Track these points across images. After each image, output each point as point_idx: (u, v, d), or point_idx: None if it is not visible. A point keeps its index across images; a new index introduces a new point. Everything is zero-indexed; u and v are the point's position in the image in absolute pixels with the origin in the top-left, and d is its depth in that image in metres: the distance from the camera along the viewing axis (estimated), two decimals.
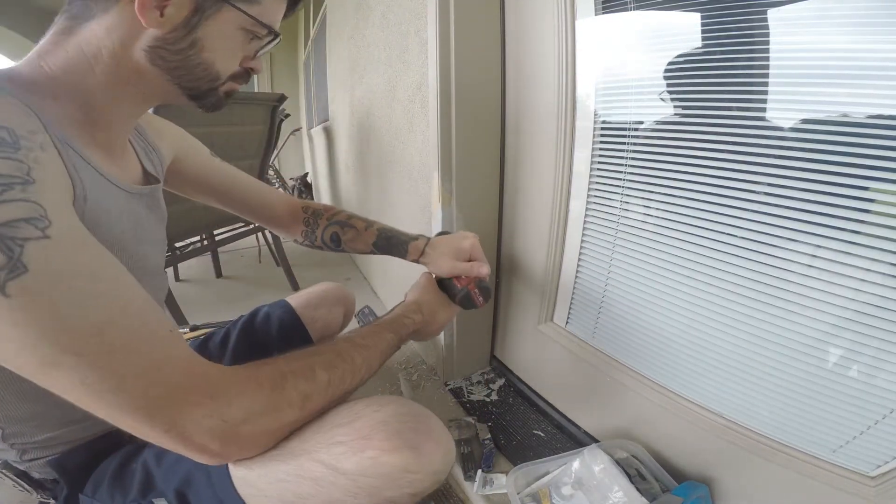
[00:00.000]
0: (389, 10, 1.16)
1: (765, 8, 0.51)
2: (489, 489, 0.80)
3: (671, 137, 0.65)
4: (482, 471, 0.83)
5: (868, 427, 0.52)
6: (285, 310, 0.79)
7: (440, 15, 0.82)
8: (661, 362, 0.75)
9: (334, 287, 0.87)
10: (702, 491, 0.67)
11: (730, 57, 0.55)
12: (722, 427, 0.66)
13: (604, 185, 0.77)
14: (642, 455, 0.76)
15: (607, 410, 0.86)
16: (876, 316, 0.48)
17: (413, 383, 1.15)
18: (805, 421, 0.58)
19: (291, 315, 0.78)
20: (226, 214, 0.76)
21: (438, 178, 0.94)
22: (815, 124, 0.49)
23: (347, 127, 2.01)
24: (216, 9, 0.41)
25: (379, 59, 1.32)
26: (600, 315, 0.85)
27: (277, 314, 0.78)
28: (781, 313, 0.56)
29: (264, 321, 0.78)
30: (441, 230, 0.97)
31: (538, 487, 0.74)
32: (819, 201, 0.50)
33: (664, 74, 0.64)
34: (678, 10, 0.60)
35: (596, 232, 0.81)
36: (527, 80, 0.87)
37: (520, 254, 1.01)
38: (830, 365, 0.53)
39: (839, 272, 0.50)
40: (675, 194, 0.65)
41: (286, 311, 0.79)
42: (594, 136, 0.77)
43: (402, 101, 1.15)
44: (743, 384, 0.63)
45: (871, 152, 0.45)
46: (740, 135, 0.56)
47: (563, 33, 0.75)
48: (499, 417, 1.00)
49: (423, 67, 0.96)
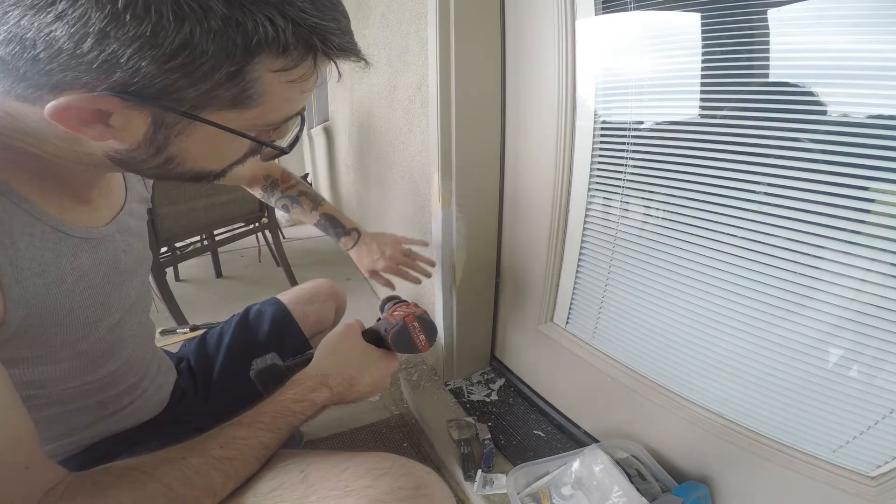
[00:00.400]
0: (389, 10, 1.16)
1: (765, 8, 0.51)
2: (489, 489, 0.80)
3: (671, 137, 0.65)
4: (482, 471, 0.83)
5: (868, 427, 0.52)
6: (277, 307, 0.79)
7: (440, 15, 0.82)
8: (661, 362, 0.75)
9: (325, 283, 0.88)
10: (702, 491, 0.67)
11: (730, 56, 0.55)
12: (722, 427, 0.66)
13: (604, 185, 0.77)
14: (642, 455, 0.75)
15: (607, 410, 0.86)
16: (876, 316, 0.48)
17: (413, 383, 1.15)
18: (805, 421, 0.58)
19: (283, 311, 0.79)
20: (226, 214, 0.77)
21: (438, 178, 0.94)
22: (815, 124, 0.49)
23: (347, 127, 2.01)
24: (185, 124, 0.31)
25: (379, 59, 1.32)
26: (600, 315, 0.85)
27: (269, 311, 0.78)
28: (782, 313, 0.56)
29: (257, 318, 0.78)
30: (441, 231, 0.98)
31: (538, 488, 0.74)
32: (819, 201, 0.50)
33: (664, 74, 0.64)
34: (678, 9, 0.60)
35: (596, 232, 0.81)
36: (527, 80, 0.87)
37: (520, 254, 1.01)
38: (830, 365, 0.53)
39: (839, 272, 0.50)
40: (676, 194, 0.65)
41: (278, 307, 0.79)
42: (594, 135, 0.76)
43: (402, 101, 1.15)
44: (743, 384, 0.63)
45: (871, 152, 0.45)
46: (740, 135, 0.56)
47: (563, 33, 0.75)
48: (499, 417, 1.00)
49: (423, 67, 0.96)
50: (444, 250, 1.01)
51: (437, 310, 1.10)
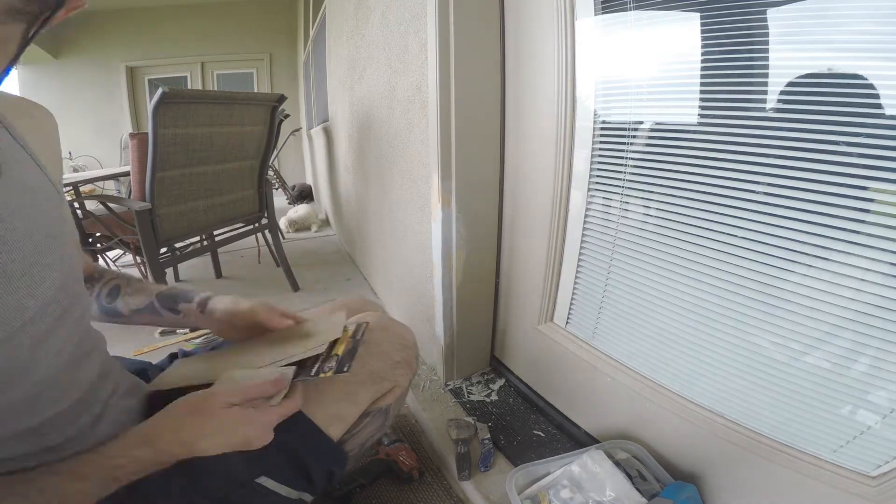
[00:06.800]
0: (389, 11, 1.16)
1: (764, 7, 0.51)
2: (489, 489, 0.80)
3: (671, 137, 0.65)
4: (481, 470, 0.83)
5: (868, 427, 0.52)
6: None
7: (440, 15, 0.82)
8: (662, 362, 0.75)
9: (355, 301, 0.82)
10: (690, 491, 0.67)
11: (730, 56, 0.55)
12: (722, 427, 0.66)
13: (604, 185, 0.77)
14: (643, 455, 0.75)
15: (607, 410, 0.86)
16: (876, 316, 0.48)
17: (413, 383, 1.15)
18: (805, 421, 0.58)
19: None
20: (226, 215, 0.75)
21: (438, 178, 0.94)
22: (815, 124, 0.49)
23: (347, 127, 2.01)
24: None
25: (379, 60, 1.32)
26: (600, 315, 0.85)
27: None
28: (781, 313, 0.56)
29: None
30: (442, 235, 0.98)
31: (538, 489, 0.74)
32: (819, 201, 0.50)
33: (664, 74, 0.64)
34: (678, 9, 0.60)
35: (596, 231, 0.81)
36: (527, 80, 0.87)
37: (520, 253, 1.01)
38: (831, 365, 0.53)
39: (839, 272, 0.50)
40: (676, 194, 0.65)
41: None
42: (594, 135, 0.76)
43: (402, 101, 1.15)
44: (743, 384, 0.63)
45: (872, 152, 0.45)
46: (740, 134, 0.56)
47: (562, 33, 0.75)
48: (499, 417, 1.00)
49: (423, 68, 0.96)
50: (444, 250, 1.01)
51: (437, 310, 1.10)
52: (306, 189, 4.49)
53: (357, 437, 0.61)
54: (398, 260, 1.41)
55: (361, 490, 0.84)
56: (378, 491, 0.86)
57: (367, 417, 0.62)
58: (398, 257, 1.41)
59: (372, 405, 0.62)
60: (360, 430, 0.61)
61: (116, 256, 2.27)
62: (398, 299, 1.44)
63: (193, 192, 1.54)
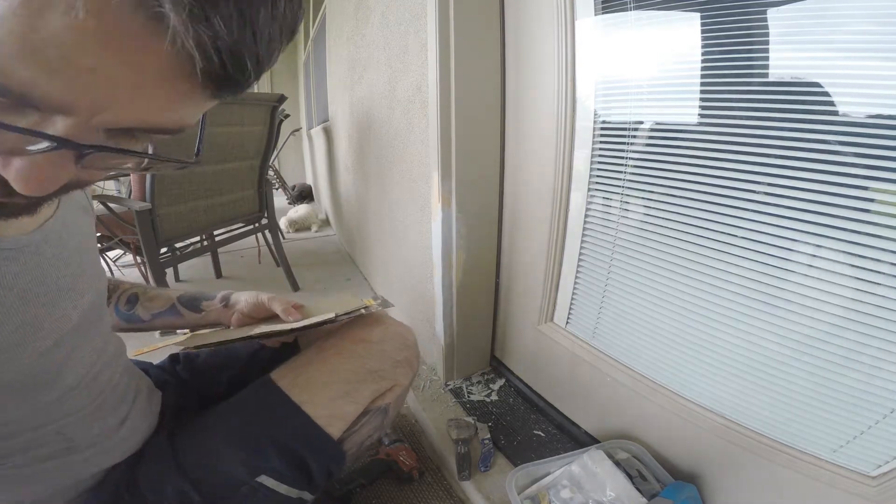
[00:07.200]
0: (389, 10, 1.16)
1: (764, 7, 0.51)
2: (489, 489, 0.80)
3: (671, 137, 0.65)
4: (481, 470, 0.83)
5: (868, 427, 0.52)
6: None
7: (440, 15, 0.82)
8: (662, 362, 0.75)
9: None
10: (690, 491, 0.67)
11: (730, 56, 0.55)
12: (722, 427, 0.66)
13: (604, 185, 0.77)
14: (643, 455, 0.75)
15: (607, 410, 0.86)
16: (876, 316, 0.48)
17: (413, 384, 1.15)
18: (805, 421, 0.58)
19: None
20: (226, 215, 0.75)
21: (438, 178, 0.94)
22: (815, 124, 0.49)
23: (347, 127, 2.01)
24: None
25: (379, 60, 1.32)
26: (600, 315, 0.85)
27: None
28: (782, 313, 0.56)
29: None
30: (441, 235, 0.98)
31: (538, 489, 0.74)
32: (819, 201, 0.50)
33: (664, 74, 0.64)
34: (678, 9, 0.60)
35: (596, 231, 0.81)
36: (527, 80, 0.87)
37: (520, 253, 1.01)
38: (831, 365, 0.53)
39: (839, 272, 0.50)
40: (676, 194, 0.65)
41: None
42: (594, 135, 0.76)
43: (402, 101, 1.15)
44: (743, 384, 0.63)
45: (871, 152, 0.45)
46: (740, 134, 0.56)
47: (562, 33, 0.75)
48: (499, 417, 1.00)
49: (423, 68, 0.96)
50: (443, 250, 1.01)
51: (437, 310, 1.10)
52: (306, 189, 4.49)
53: (355, 436, 0.61)
54: (398, 260, 1.41)
55: (361, 490, 0.84)
56: (378, 491, 0.86)
57: (365, 416, 0.62)
58: (398, 257, 1.41)
59: (371, 404, 0.63)
60: (359, 429, 0.62)
61: (116, 256, 2.27)
62: (398, 299, 1.44)
63: (193, 192, 1.54)
